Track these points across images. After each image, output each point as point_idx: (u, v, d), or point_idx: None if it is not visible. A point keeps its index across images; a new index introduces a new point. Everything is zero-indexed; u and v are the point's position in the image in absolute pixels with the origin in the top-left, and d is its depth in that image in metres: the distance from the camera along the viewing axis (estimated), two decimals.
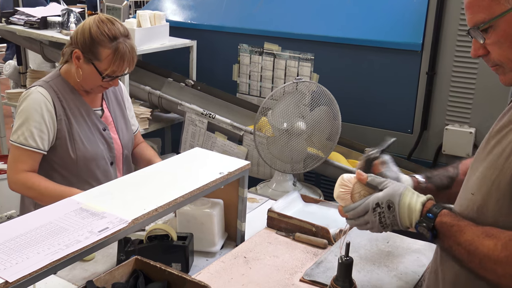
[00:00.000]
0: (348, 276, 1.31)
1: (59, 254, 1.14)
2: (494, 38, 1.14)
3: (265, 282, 1.54)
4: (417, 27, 2.85)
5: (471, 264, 1.13)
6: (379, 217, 1.26)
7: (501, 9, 1.11)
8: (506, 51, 1.15)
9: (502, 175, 1.14)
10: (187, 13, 3.67)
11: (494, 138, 1.21)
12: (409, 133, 2.98)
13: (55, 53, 3.59)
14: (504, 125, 1.20)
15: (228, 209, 1.81)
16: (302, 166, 2.71)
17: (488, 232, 1.11)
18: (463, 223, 1.16)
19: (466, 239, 1.13)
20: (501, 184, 1.14)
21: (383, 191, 1.27)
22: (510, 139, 1.16)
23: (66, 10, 3.51)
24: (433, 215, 1.19)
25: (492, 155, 1.19)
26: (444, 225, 1.18)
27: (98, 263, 1.66)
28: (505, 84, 1.21)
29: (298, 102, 2.62)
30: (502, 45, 1.14)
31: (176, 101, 3.23)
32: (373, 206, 1.26)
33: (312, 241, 1.77)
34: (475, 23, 1.16)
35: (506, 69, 1.17)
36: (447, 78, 2.82)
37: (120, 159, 2.13)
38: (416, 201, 1.23)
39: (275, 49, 3.28)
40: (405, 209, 1.23)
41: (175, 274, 1.32)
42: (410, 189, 1.26)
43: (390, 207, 1.24)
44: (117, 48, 1.91)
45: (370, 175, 1.32)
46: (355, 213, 1.30)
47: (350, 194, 1.32)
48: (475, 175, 1.24)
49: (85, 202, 1.38)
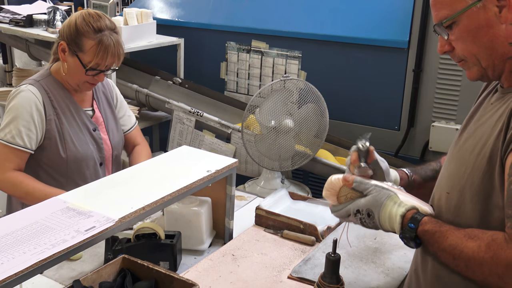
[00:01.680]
0: (335, 273, 1.31)
1: (45, 253, 1.13)
2: (457, 34, 1.18)
3: (253, 280, 1.54)
4: (404, 24, 2.87)
5: (458, 268, 1.14)
6: (361, 221, 1.28)
7: (463, 5, 1.14)
8: (469, 46, 1.17)
9: (474, 172, 1.15)
10: (174, 10, 3.66)
11: (464, 134, 1.24)
12: (396, 130, 3.00)
13: (41, 52, 3.57)
14: (475, 119, 1.22)
15: (216, 207, 1.81)
16: (290, 164, 2.71)
17: (470, 234, 1.12)
18: (444, 228, 1.16)
19: (450, 243, 1.14)
20: (474, 182, 1.15)
21: (364, 198, 1.27)
22: (480, 134, 1.17)
23: (52, 8, 3.48)
24: (415, 224, 1.19)
25: (463, 151, 1.21)
26: (426, 233, 1.18)
27: (86, 263, 1.65)
28: (471, 79, 1.24)
29: (286, 99, 2.63)
30: (465, 40, 1.17)
31: (164, 99, 3.22)
32: (354, 212, 1.28)
33: (300, 238, 1.78)
34: (439, 19, 1.20)
35: (470, 63, 1.20)
36: (433, 75, 2.84)
37: (109, 160, 2.11)
38: (396, 212, 1.22)
39: (262, 46, 3.28)
40: (385, 219, 1.24)
41: (163, 273, 1.31)
42: (394, 198, 1.24)
43: (370, 215, 1.26)
44: (101, 40, 1.89)
45: (356, 179, 1.31)
46: (338, 214, 1.33)
47: (336, 196, 1.33)
48: (447, 172, 1.25)
49: (71, 201, 1.38)
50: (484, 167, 1.14)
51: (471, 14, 1.14)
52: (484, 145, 1.15)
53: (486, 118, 1.20)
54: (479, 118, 1.23)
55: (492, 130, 1.14)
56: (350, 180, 1.31)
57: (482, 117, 1.22)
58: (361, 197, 1.29)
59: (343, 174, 1.35)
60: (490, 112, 1.19)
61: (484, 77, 1.22)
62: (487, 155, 1.13)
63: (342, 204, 1.32)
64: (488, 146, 1.14)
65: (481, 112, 1.24)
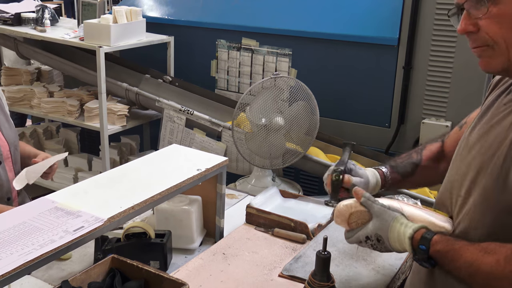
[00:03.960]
0: (326, 271, 1.31)
1: (33, 254, 1.12)
2: (495, 14, 1.03)
3: (244, 278, 1.54)
4: (393, 21, 2.87)
5: (475, 284, 1.10)
6: (372, 247, 1.26)
7: None
8: (505, 31, 1.04)
9: (487, 176, 1.10)
10: (164, 8, 3.64)
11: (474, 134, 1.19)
12: (387, 127, 3.00)
13: (30, 50, 3.54)
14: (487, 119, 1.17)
15: (206, 206, 1.80)
16: (281, 162, 2.71)
17: (487, 249, 1.07)
18: (458, 246, 1.11)
19: (465, 260, 1.09)
20: (487, 186, 1.11)
21: (371, 223, 1.24)
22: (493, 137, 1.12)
23: (41, 6, 3.46)
24: (425, 246, 1.15)
25: (474, 153, 1.16)
26: (438, 253, 1.14)
27: (75, 263, 1.64)
28: (488, 69, 1.13)
29: (276, 97, 2.62)
30: (502, 23, 1.03)
31: (154, 98, 3.20)
32: (363, 239, 1.26)
33: (291, 236, 1.78)
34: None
35: (497, 51, 1.07)
36: (423, 72, 2.85)
37: (8, 157, 1.97)
38: (404, 235, 1.18)
39: (253, 44, 3.27)
40: (395, 242, 1.21)
41: (152, 272, 1.31)
42: (399, 220, 1.21)
43: (379, 240, 1.23)
44: None
45: (365, 195, 1.28)
46: (350, 241, 1.31)
47: (347, 222, 1.31)
48: (458, 175, 1.20)
49: (60, 201, 1.36)
50: (498, 171, 1.09)
51: None
52: (498, 148, 1.10)
53: (499, 118, 1.14)
54: (491, 118, 1.17)
55: (507, 132, 1.09)
56: (359, 194, 1.28)
57: (494, 117, 1.16)
58: (369, 221, 1.26)
59: (351, 200, 1.31)
60: (503, 113, 1.13)
61: (504, 71, 1.12)
62: (501, 158, 1.08)
63: (353, 231, 1.29)
64: (503, 149, 1.08)
65: (493, 112, 1.17)
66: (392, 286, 1.54)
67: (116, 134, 3.37)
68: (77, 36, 3.20)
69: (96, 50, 2.98)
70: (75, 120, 3.33)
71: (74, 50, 3.54)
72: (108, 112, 3.17)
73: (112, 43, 3.04)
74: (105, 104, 3.10)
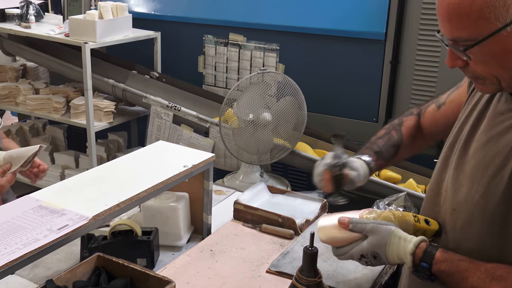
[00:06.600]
0: (313, 266, 1.31)
1: (16, 253, 1.11)
2: (479, 56, 1.02)
3: (231, 275, 1.53)
4: (380, 16, 2.87)
5: None
6: (366, 263, 1.24)
7: (491, 28, 0.97)
8: (492, 68, 1.03)
9: (488, 192, 1.07)
10: (151, 4, 3.62)
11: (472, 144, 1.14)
12: (374, 122, 3.01)
13: (15, 47, 3.51)
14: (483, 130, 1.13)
15: (194, 202, 1.79)
16: (269, 157, 2.70)
17: (494, 275, 1.04)
18: (463, 267, 1.08)
19: (472, 286, 1.06)
20: (489, 204, 1.07)
21: (366, 241, 1.21)
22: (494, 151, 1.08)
23: (25, 2, 3.42)
24: (428, 264, 1.12)
25: (472, 167, 1.12)
26: (442, 274, 1.11)
27: (61, 261, 1.62)
28: (483, 92, 1.13)
29: (264, 93, 2.62)
30: (488, 63, 1.02)
31: (141, 94, 3.18)
32: (358, 257, 1.24)
33: (278, 232, 1.77)
34: (456, 39, 1.02)
35: (488, 82, 1.06)
36: (410, 67, 2.86)
37: None
38: (405, 251, 1.15)
39: (240, 39, 3.26)
40: (394, 257, 1.18)
41: (138, 270, 1.30)
42: (396, 234, 1.18)
43: (376, 257, 1.21)
44: None
45: (352, 221, 1.25)
46: (341, 259, 1.30)
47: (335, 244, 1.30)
48: (453, 187, 1.16)
49: (44, 199, 1.35)
50: (504, 188, 1.05)
51: (500, 39, 0.97)
52: (505, 165, 1.05)
53: (498, 131, 1.09)
54: (489, 128, 1.12)
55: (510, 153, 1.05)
56: (346, 223, 1.25)
57: (492, 128, 1.11)
58: (361, 239, 1.23)
59: (336, 218, 1.28)
60: (503, 125, 1.09)
61: (497, 92, 1.11)
62: (506, 175, 1.05)
63: (344, 248, 1.27)
64: (509, 166, 1.04)
65: (490, 121, 1.12)
66: (379, 280, 1.54)
67: (103, 131, 3.35)
68: (63, 32, 3.17)
69: (82, 46, 2.96)
70: (61, 117, 3.30)
71: (60, 46, 3.51)
72: (94, 108, 3.14)
73: (98, 39, 3.02)
74: (91, 101, 3.08)
